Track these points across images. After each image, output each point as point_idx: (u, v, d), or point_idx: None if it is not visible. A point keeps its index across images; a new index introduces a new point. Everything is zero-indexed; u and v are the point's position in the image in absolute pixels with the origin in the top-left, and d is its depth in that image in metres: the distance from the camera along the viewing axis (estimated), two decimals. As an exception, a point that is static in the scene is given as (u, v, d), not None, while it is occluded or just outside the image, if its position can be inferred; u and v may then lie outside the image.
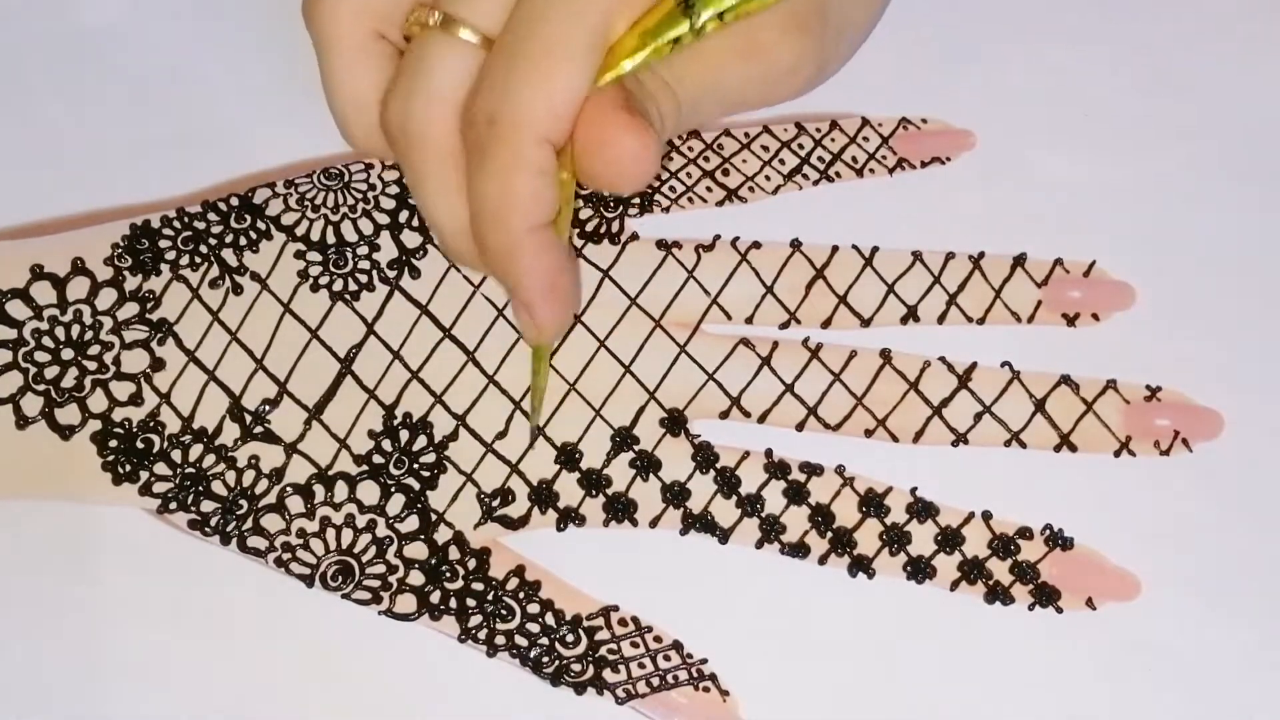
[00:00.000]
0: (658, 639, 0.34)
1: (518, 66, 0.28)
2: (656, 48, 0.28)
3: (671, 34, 0.28)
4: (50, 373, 0.34)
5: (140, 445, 0.34)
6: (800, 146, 0.39)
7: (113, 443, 0.34)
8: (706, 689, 0.34)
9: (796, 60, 0.30)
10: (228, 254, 0.36)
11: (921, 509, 0.35)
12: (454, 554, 0.34)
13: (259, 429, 0.35)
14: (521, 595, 0.34)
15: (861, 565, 0.35)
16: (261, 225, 0.36)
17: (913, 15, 0.41)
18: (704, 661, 0.34)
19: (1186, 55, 0.41)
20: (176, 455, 0.34)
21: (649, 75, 0.29)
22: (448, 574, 0.34)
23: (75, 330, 0.35)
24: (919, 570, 0.35)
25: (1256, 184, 0.39)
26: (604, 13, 0.28)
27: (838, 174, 0.39)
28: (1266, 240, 0.39)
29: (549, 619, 0.34)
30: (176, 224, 0.36)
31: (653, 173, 0.29)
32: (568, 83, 0.28)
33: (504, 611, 0.34)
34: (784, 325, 0.37)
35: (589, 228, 0.37)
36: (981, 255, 0.38)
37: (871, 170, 0.39)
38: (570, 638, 0.34)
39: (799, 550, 0.35)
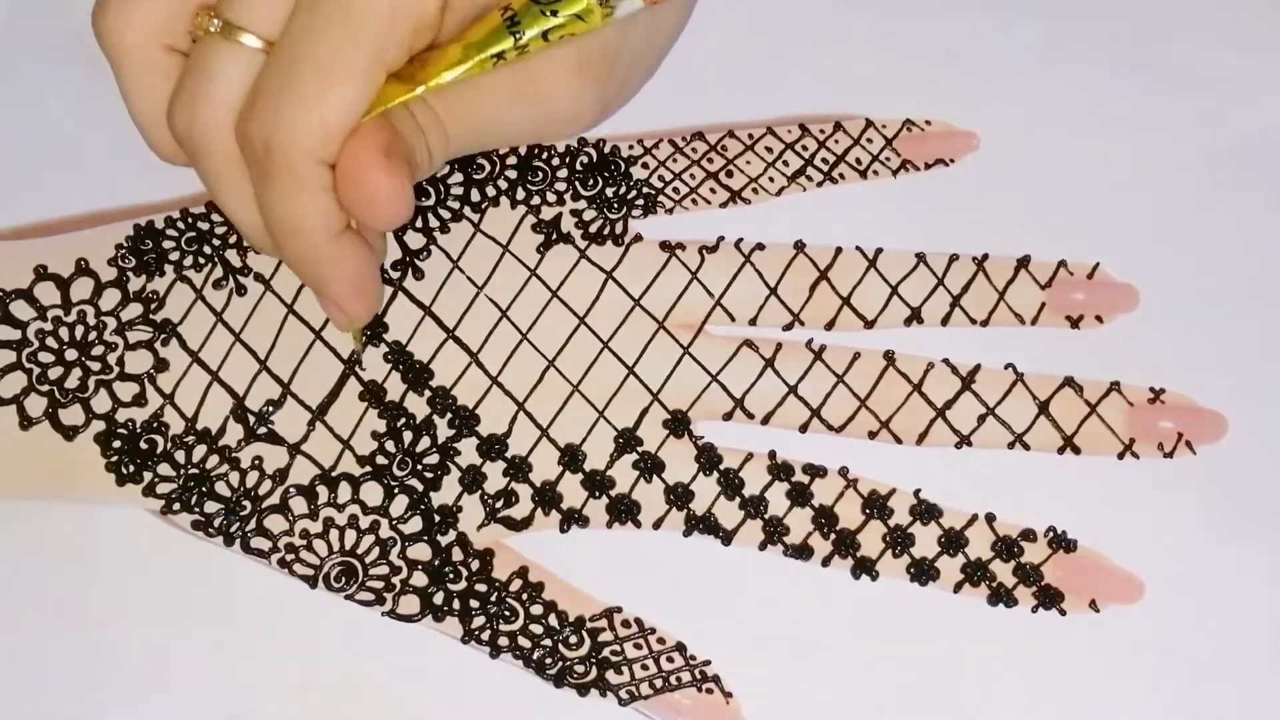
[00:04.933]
0: (661, 640, 0.34)
1: (291, 88, 0.27)
2: (480, 61, 0.29)
3: (495, 48, 0.29)
4: (54, 373, 0.34)
5: (144, 446, 0.34)
6: (804, 148, 0.39)
7: (116, 443, 0.34)
8: (710, 690, 0.34)
9: (576, 107, 0.31)
10: (231, 255, 0.36)
11: (925, 511, 0.35)
12: (457, 555, 0.34)
13: (262, 430, 0.35)
14: (525, 597, 0.34)
15: (865, 567, 0.35)
16: (265, 226, 0.36)
17: (915, 16, 0.41)
18: (707, 663, 0.34)
19: (1191, 56, 0.41)
20: (180, 456, 0.34)
21: (422, 108, 0.30)
22: (451, 575, 0.34)
23: (79, 331, 0.34)
24: (922, 572, 0.35)
25: (1261, 186, 0.39)
26: (380, 34, 0.28)
27: (841, 175, 0.39)
28: (1270, 242, 0.39)
29: (552, 620, 0.34)
30: (180, 224, 0.36)
31: (405, 215, 0.29)
32: (340, 107, 0.28)
33: (507, 613, 0.34)
34: (787, 327, 0.37)
35: (592, 229, 0.37)
36: (985, 257, 0.38)
37: (875, 172, 0.39)
38: (573, 639, 0.34)
39: (802, 552, 0.35)
